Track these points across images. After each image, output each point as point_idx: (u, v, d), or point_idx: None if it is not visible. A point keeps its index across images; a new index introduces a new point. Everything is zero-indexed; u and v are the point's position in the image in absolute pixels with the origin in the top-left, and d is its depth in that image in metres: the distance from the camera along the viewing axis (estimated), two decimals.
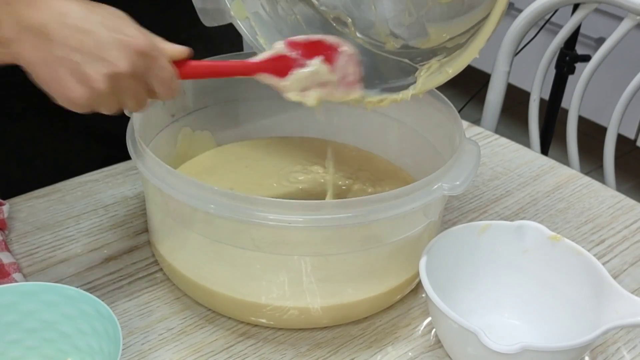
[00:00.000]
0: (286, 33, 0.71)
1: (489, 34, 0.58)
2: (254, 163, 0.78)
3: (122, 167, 0.82)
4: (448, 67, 0.62)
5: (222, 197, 0.57)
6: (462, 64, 0.60)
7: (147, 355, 0.60)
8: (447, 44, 0.68)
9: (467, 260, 0.64)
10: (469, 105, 2.06)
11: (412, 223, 0.62)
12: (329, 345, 0.63)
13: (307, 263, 0.60)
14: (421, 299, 0.68)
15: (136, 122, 0.64)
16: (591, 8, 1.12)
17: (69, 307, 0.55)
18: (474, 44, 0.59)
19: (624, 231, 0.78)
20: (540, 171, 0.87)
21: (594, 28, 1.89)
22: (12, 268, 0.65)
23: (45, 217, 0.74)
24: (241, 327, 0.64)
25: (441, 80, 0.62)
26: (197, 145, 0.78)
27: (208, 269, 0.63)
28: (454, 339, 0.59)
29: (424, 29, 0.70)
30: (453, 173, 0.61)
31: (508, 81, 1.20)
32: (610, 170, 1.17)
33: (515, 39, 1.16)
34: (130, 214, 0.75)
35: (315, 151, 0.80)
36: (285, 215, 0.56)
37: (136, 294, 0.66)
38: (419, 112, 0.74)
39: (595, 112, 2.02)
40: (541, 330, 0.63)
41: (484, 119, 1.23)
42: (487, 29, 0.57)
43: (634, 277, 0.72)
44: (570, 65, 1.65)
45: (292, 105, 0.66)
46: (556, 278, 0.63)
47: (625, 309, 0.57)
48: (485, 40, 0.58)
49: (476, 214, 0.79)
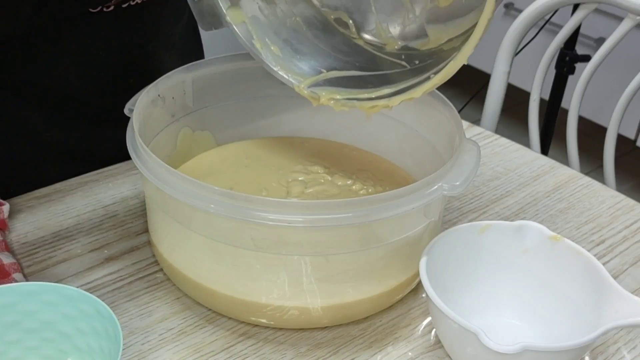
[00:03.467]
0: (285, 35, 0.71)
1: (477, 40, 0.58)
2: (254, 163, 0.78)
3: (122, 167, 0.82)
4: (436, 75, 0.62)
5: (222, 197, 0.57)
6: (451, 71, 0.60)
7: (147, 355, 0.60)
8: (444, 46, 0.68)
9: (467, 260, 0.64)
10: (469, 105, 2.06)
11: (412, 223, 0.62)
12: (329, 345, 0.63)
13: (307, 263, 0.60)
14: (421, 299, 0.68)
15: (136, 122, 0.64)
16: (591, 8, 1.12)
17: (69, 307, 0.55)
18: (462, 52, 0.59)
19: (624, 231, 0.78)
20: (540, 171, 0.87)
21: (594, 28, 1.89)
22: (12, 268, 0.65)
23: (45, 217, 0.74)
24: (241, 327, 0.64)
25: (429, 88, 0.62)
26: (197, 145, 0.78)
27: (208, 269, 0.63)
28: (454, 339, 0.59)
29: (423, 30, 0.70)
30: (453, 173, 0.61)
31: (508, 81, 1.20)
32: (610, 170, 1.17)
33: (515, 39, 1.16)
34: (130, 214, 0.75)
35: (315, 151, 0.80)
36: (285, 215, 0.56)
37: (136, 294, 0.66)
38: (419, 112, 0.74)
39: (595, 112, 2.02)
40: (541, 330, 0.63)
41: (484, 119, 1.23)
42: (476, 36, 0.57)
43: (634, 277, 0.72)
44: (570, 65, 1.66)
45: (292, 105, 0.67)
46: (556, 278, 0.63)
47: (625, 309, 0.57)
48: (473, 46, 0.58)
49: (476, 214, 0.79)
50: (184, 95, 0.74)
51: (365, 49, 0.73)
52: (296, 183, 0.76)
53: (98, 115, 0.84)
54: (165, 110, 0.72)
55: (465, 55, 0.58)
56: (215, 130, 0.79)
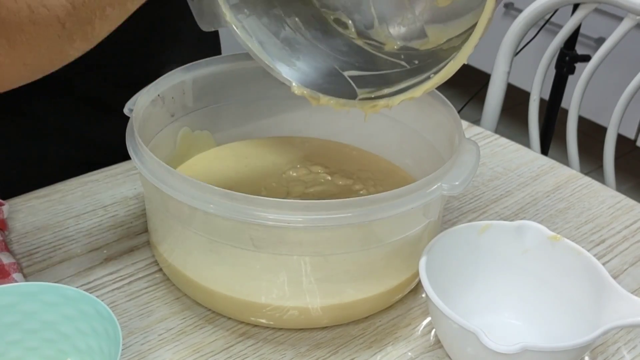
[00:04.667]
0: (283, 35, 0.71)
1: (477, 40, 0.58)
2: (254, 163, 0.78)
3: (122, 167, 0.82)
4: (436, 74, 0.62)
5: (222, 197, 0.57)
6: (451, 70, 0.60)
7: (146, 355, 0.60)
8: (444, 46, 0.68)
9: (467, 260, 0.64)
10: (469, 105, 2.06)
11: (411, 223, 0.62)
12: (329, 345, 0.63)
13: (306, 263, 0.60)
14: (421, 299, 0.68)
15: (136, 122, 0.64)
16: (591, 8, 1.12)
17: (69, 308, 0.55)
18: (462, 52, 0.59)
19: (624, 231, 0.78)
20: (540, 171, 0.87)
21: (594, 28, 1.89)
22: (12, 268, 0.65)
23: (45, 217, 0.74)
24: (241, 327, 0.64)
25: (429, 87, 0.62)
26: (197, 145, 0.78)
27: (208, 269, 0.63)
28: (454, 339, 0.59)
29: (422, 30, 0.70)
30: (453, 173, 0.61)
31: (508, 81, 1.20)
32: (610, 170, 1.17)
33: (515, 39, 1.16)
34: (130, 214, 0.75)
35: (315, 151, 0.80)
36: (284, 215, 0.56)
37: (136, 294, 0.66)
38: (419, 112, 0.74)
39: (595, 112, 2.02)
40: (541, 330, 0.63)
41: (484, 119, 1.23)
42: (476, 35, 0.57)
43: (634, 277, 0.72)
44: (570, 65, 1.66)
45: (292, 105, 0.67)
46: (556, 278, 0.63)
47: (625, 309, 0.57)
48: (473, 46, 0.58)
49: (476, 214, 0.79)
50: (183, 95, 0.74)
51: (364, 49, 0.73)
52: (296, 183, 0.76)
53: (102, 103, 0.84)
54: (164, 110, 0.72)
55: (465, 54, 0.58)
56: (215, 130, 0.79)
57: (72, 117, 0.84)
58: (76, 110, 0.84)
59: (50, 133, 0.83)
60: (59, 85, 0.81)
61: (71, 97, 0.83)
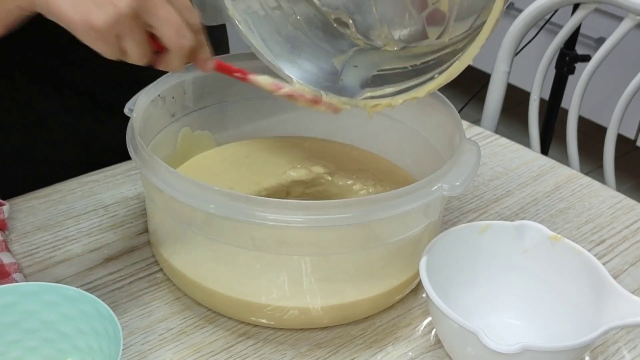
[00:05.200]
0: (286, 33, 0.71)
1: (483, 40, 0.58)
2: (254, 163, 0.78)
3: (122, 167, 0.82)
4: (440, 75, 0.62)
5: (222, 197, 0.57)
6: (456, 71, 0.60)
7: (147, 355, 0.60)
8: (445, 48, 0.68)
9: (467, 260, 0.64)
10: (469, 105, 2.06)
11: (412, 223, 0.62)
12: (329, 345, 0.63)
13: (307, 263, 0.60)
14: (421, 299, 0.68)
15: (136, 122, 0.64)
16: (591, 8, 1.12)
17: (69, 307, 0.55)
18: (468, 52, 0.59)
19: (624, 231, 0.78)
20: (540, 171, 0.87)
21: (594, 28, 1.89)
22: (12, 268, 0.65)
23: (45, 217, 0.74)
24: (241, 327, 0.64)
25: (433, 87, 0.62)
26: (197, 145, 0.78)
27: (208, 269, 0.63)
28: (454, 339, 0.59)
29: (424, 31, 0.70)
30: (453, 173, 0.61)
31: (508, 81, 1.20)
32: (610, 170, 1.17)
33: (515, 39, 1.16)
34: (130, 214, 0.75)
35: (315, 151, 0.80)
36: (285, 215, 0.56)
37: (136, 294, 0.66)
38: (419, 112, 0.74)
39: (595, 112, 2.02)
40: (541, 330, 0.63)
41: (484, 119, 1.23)
42: (483, 36, 0.57)
43: (634, 277, 0.72)
44: (570, 65, 1.66)
45: (292, 105, 0.66)
46: (556, 278, 0.63)
47: (625, 309, 0.57)
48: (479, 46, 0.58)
49: (476, 214, 0.79)
50: (184, 95, 0.74)
51: (365, 49, 0.73)
52: (296, 183, 0.76)
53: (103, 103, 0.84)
54: (165, 110, 0.72)
55: (471, 55, 0.58)
56: (215, 130, 0.79)
57: (73, 117, 0.84)
58: (76, 111, 0.84)
59: (51, 133, 0.83)
60: (59, 85, 0.81)
61: (71, 97, 0.83)
